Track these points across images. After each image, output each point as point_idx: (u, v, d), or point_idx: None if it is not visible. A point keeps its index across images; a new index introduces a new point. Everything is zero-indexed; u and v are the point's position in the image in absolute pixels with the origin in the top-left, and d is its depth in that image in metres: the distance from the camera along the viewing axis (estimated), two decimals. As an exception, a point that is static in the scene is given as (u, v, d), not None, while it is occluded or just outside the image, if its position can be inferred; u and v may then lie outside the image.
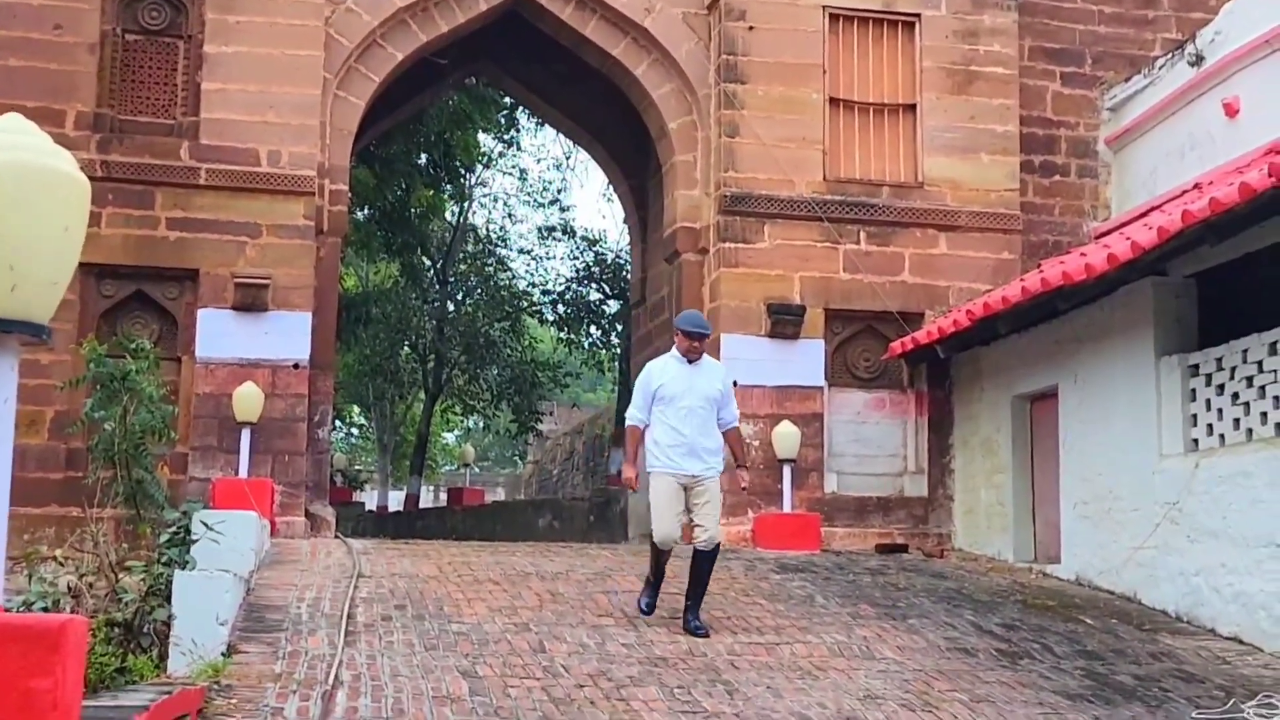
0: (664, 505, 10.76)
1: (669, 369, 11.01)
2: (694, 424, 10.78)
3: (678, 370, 10.96)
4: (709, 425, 10.90)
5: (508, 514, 31.33)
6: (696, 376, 10.93)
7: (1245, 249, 12.07)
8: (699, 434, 10.79)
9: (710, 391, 10.91)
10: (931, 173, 17.75)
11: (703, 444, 10.81)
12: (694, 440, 10.75)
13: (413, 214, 30.70)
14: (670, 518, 10.76)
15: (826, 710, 8.76)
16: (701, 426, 10.83)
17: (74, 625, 3.62)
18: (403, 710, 8.18)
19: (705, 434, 10.85)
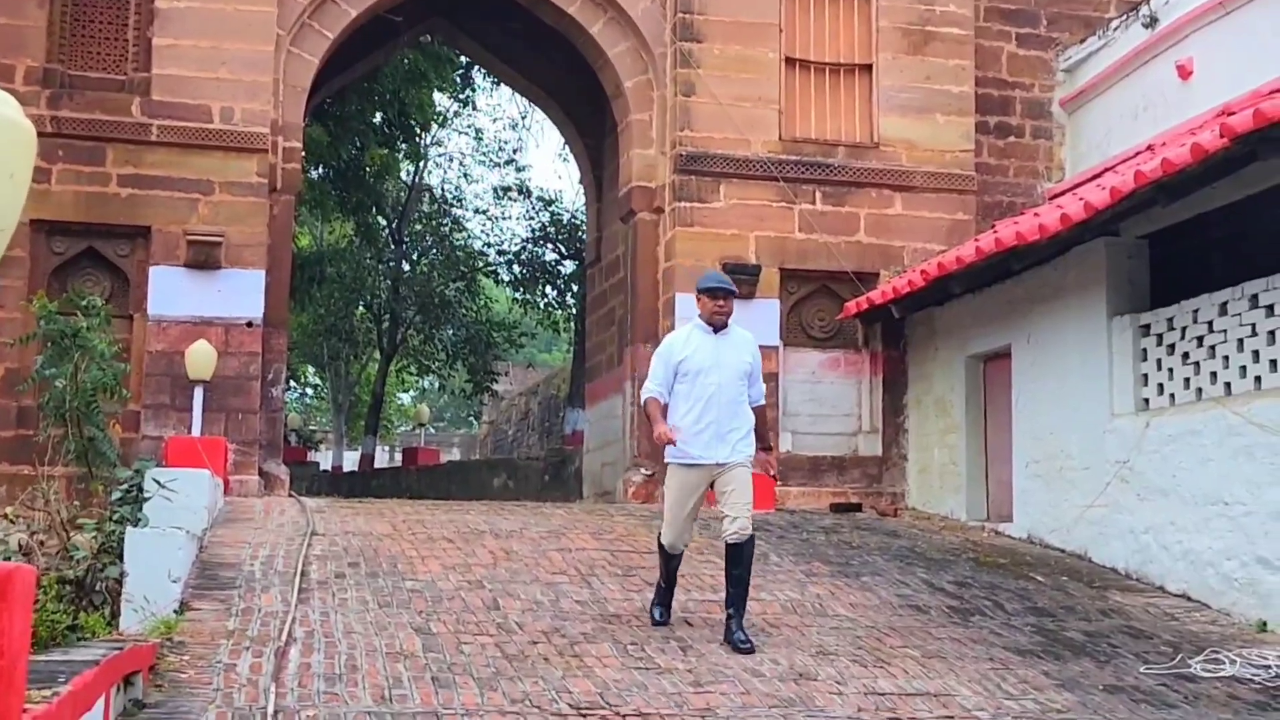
0: (677, 506, 9.50)
1: (693, 340, 9.60)
2: (722, 403, 9.39)
3: (702, 341, 9.56)
4: (739, 404, 9.50)
5: (463, 474, 31.35)
6: (725, 348, 9.56)
7: (1197, 210, 12.13)
8: (728, 415, 9.40)
9: (740, 365, 9.56)
10: (887, 133, 17.77)
11: (732, 425, 9.42)
12: (722, 422, 9.38)
13: (367, 173, 30.55)
14: (682, 521, 9.52)
15: (779, 666, 8.80)
16: (731, 406, 9.43)
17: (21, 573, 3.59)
18: (356, 666, 8.18)
19: (735, 414, 9.45)
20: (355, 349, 39.26)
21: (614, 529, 13.12)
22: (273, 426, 16.77)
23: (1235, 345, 11.46)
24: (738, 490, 9.39)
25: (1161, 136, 15.57)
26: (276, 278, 16.63)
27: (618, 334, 19.55)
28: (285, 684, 7.74)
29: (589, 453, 21.63)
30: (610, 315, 20.35)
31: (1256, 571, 10.79)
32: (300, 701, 7.45)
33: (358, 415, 42.24)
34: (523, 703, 7.67)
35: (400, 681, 7.94)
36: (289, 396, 43.44)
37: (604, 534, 12.77)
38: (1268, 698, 8.90)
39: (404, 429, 54.48)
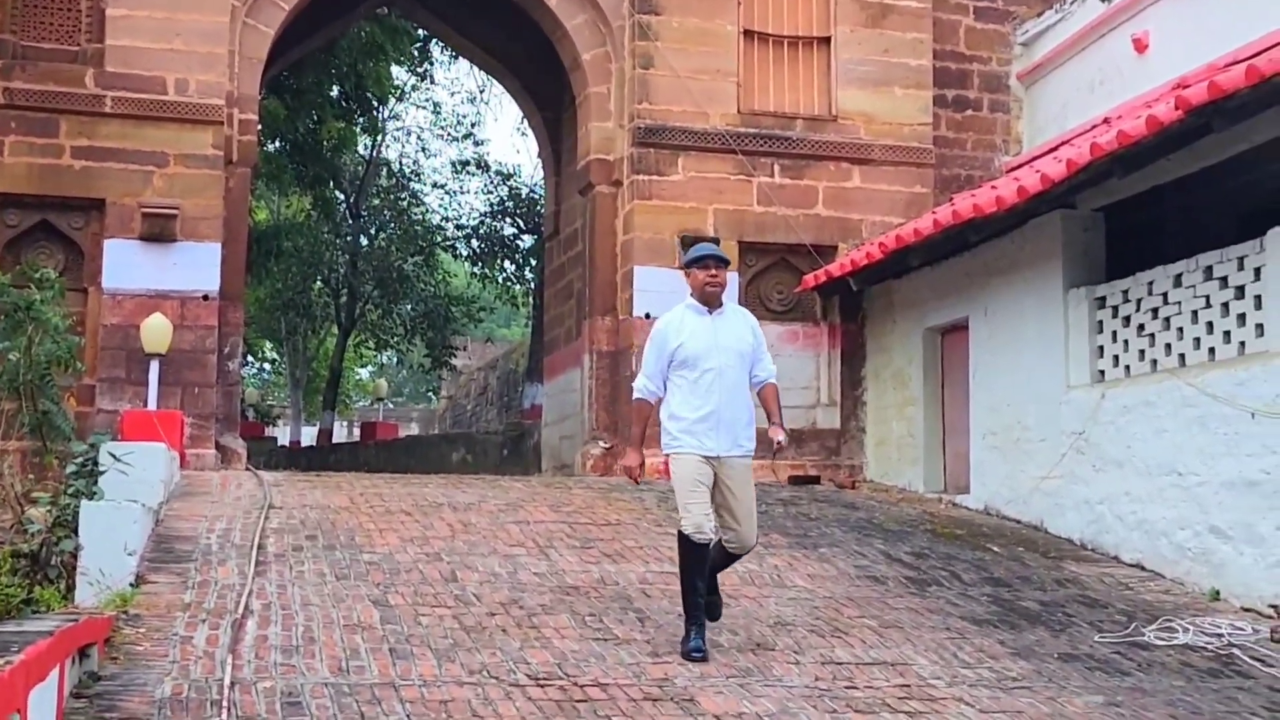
0: (692, 486, 8.50)
1: (687, 323, 8.73)
2: (723, 390, 8.58)
3: (697, 324, 8.72)
4: (741, 390, 8.73)
5: (421, 448, 31.32)
6: (722, 328, 8.75)
7: (1152, 182, 12.18)
8: (730, 402, 8.60)
9: (740, 346, 8.74)
10: (845, 106, 17.78)
11: (734, 415, 8.62)
12: (724, 411, 8.57)
13: (324, 146, 30.36)
14: (701, 499, 8.48)
15: (738, 636, 8.83)
16: (732, 392, 8.63)
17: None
18: (313, 638, 8.16)
19: (737, 402, 8.66)
20: (313, 324, 39.12)
21: (572, 501, 13.12)
22: (229, 401, 16.69)
23: (1189, 317, 11.53)
24: (743, 497, 8.62)
25: (1118, 110, 15.64)
26: (232, 251, 16.53)
27: (576, 307, 19.53)
28: (242, 656, 7.72)
29: (547, 426, 21.62)
30: (568, 288, 20.33)
31: (1209, 541, 10.87)
32: (257, 673, 7.43)
33: (315, 390, 42.13)
34: (480, 673, 7.67)
35: (358, 653, 7.93)
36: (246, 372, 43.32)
37: (562, 506, 12.77)
38: (1220, 665, 8.99)
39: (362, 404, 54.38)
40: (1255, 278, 10.78)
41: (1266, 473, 10.31)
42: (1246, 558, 10.44)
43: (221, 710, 6.72)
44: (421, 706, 7.02)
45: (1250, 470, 10.48)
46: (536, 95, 21.89)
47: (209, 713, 6.71)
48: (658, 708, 7.27)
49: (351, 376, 50.70)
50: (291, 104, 26.90)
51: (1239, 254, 10.96)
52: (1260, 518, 10.33)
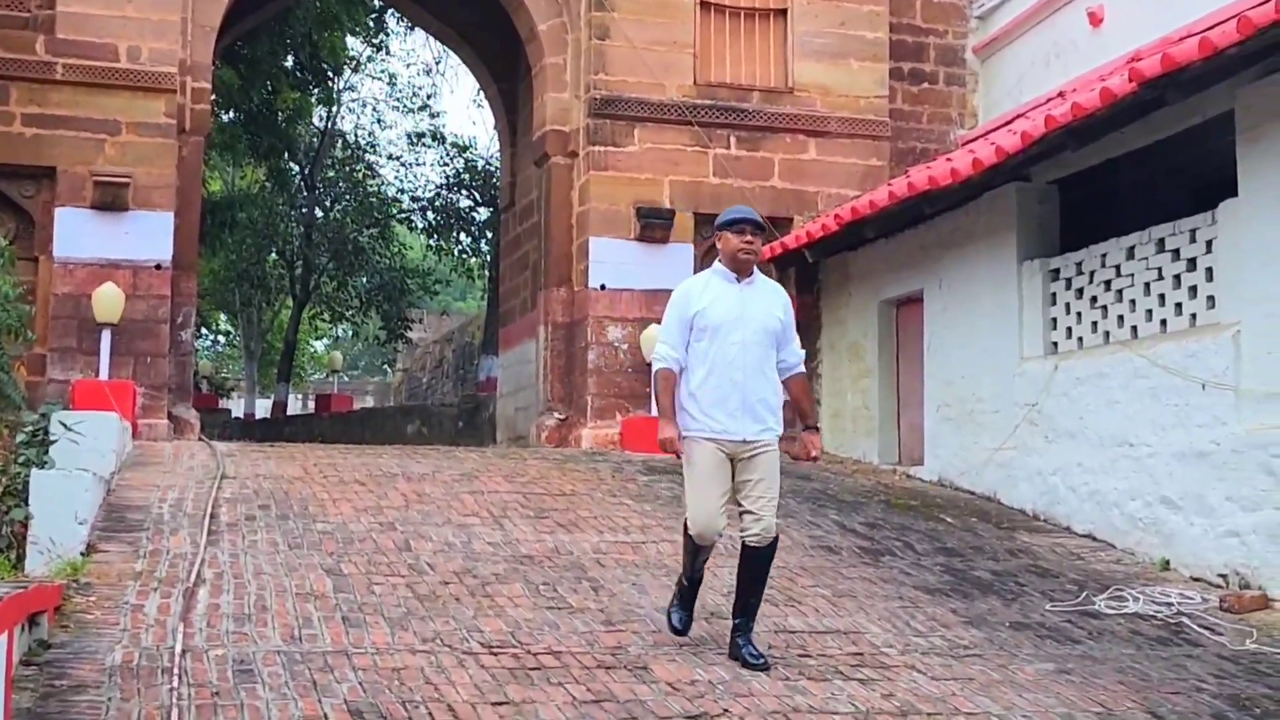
0: (705, 483, 7.81)
1: (712, 289, 7.93)
2: (748, 366, 7.80)
3: (723, 291, 7.91)
4: (767, 368, 7.92)
5: (376, 420, 31.23)
6: (751, 300, 7.93)
7: (1106, 155, 12.24)
8: (755, 380, 7.82)
9: (769, 321, 7.94)
10: (801, 78, 17.78)
11: (759, 395, 7.83)
12: (748, 389, 7.79)
13: (279, 117, 30.16)
14: (714, 500, 7.81)
15: (691, 605, 8.84)
16: (758, 369, 7.85)
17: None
18: (265, 607, 8.13)
19: (763, 380, 7.88)
20: (267, 295, 38.89)
21: (527, 472, 13.11)
22: (182, 371, 16.60)
23: (1142, 289, 11.60)
24: (765, 481, 7.83)
25: (1073, 83, 15.70)
26: (185, 220, 16.41)
27: (531, 279, 19.49)
28: (193, 624, 7.68)
29: (503, 397, 21.59)
30: (524, 260, 20.28)
31: (1160, 511, 10.95)
32: (209, 641, 7.40)
33: (270, 363, 41.92)
34: (434, 641, 7.66)
35: (310, 621, 7.91)
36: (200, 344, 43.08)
37: (517, 477, 12.75)
38: (1169, 633, 9.07)
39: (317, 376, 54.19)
40: (1207, 250, 10.85)
41: (1216, 444, 10.39)
42: (1196, 528, 10.52)
43: (173, 678, 6.69)
44: (374, 674, 7.00)
45: (1200, 441, 10.56)
46: (492, 66, 21.79)
47: (160, 680, 6.68)
48: (611, 675, 7.28)
49: (306, 349, 50.51)
50: (245, 74, 26.68)
51: (1191, 227, 11.04)
52: (1210, 488, 10.41)
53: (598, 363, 16.79)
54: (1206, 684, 7.90)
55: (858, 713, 6.94)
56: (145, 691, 6.51)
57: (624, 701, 6.84)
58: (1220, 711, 7.36)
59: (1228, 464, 10.25)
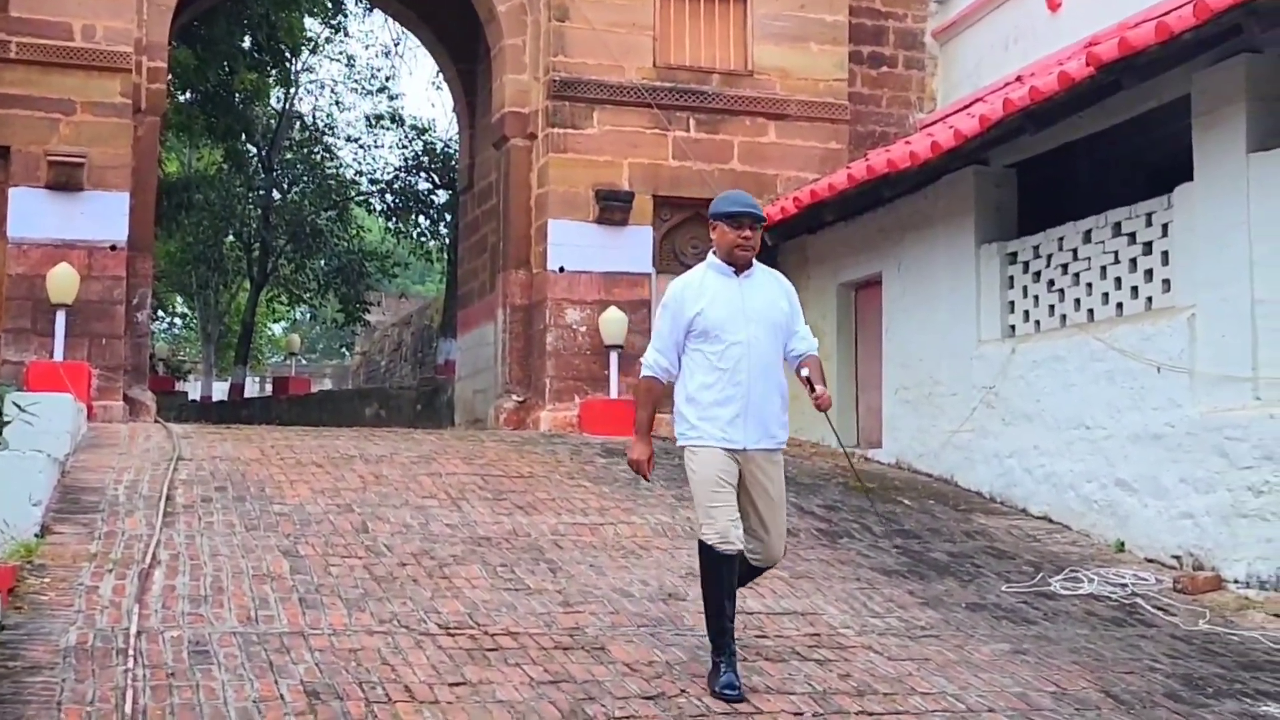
0: (713, 482, 6.98)
1: (708, 286, 7.20)
2: (753, 368, 7.04)
3: (721, 287, 7.18)
4: (773, 369, 7.15)
5: (334, 403, 31.13)
6: (751, 294, 7.20)
7: (1064, 139, 12.30)
8: (760, 383, 7.07)
9: (774, 315, 7.21)
10: (761, 61, 17.77)
11: (765, 398, 7.09)
12: (753, 393, 7.05)
13: (236, 98, 29.98)
14: (727, 501, 6.99)
15: (649, 587, 8.85)
16: (764, 371, 7.09)
17: None
18: (222, 588, 8.09)
19: (768, 382, 7.11)
20: (225, 278, 38.69)
21: (485, 454, 13.09)
22: (138, 352, 16.47)
23: (1098, 272, 11.66)
24: (774, 499, 7.17)
25: (1031, 67, 15.73)
26: (141, 201, 16.27)
27: (490, 261, 19.42)
28: (149, 605, 7.64)
29: (461, 380, 21.53)
30: (482, 242, 20.22)
31: (1115, 493, 11.02)
32: (164, 622, 7.36)
33: (227, 345, 41.70)
34: (391, 623, 7.64)
35: (267, 602, 7.88)
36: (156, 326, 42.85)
37: (475, 459, 12.73)
38: (1123, 614, 9.13)
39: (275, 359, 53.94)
40: (1163, 234, 10.91)
41: (1171, 426, 10.46)
42: (1151, 509, 10.59)
43: (128, 659, 6.65)
44: (331, 655, 6.98)
45: (1155, 424, 10.63)
46: (451, 47, 21.70)
47: (115, 661, 6.64)
48: (569, 656, 7.27)
49: (264, 332, 50.28)
50: (202, 54, 26.52)
51: (1147, 210, 11.10)
52: (1164, 470, 10.48)
53: (556, 345, 16.77)
54: (1160, 664, 7.96)
55: (814, 693, 6.96)
56: (100, 673, 6.48)
57: (581, 682, 6.85)
58: (1173, 691, 7.41)
59: (1182, 446, 10.32)
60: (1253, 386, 9.84)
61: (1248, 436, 9.69)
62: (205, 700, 6.22)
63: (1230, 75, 10.19)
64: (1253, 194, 9.94)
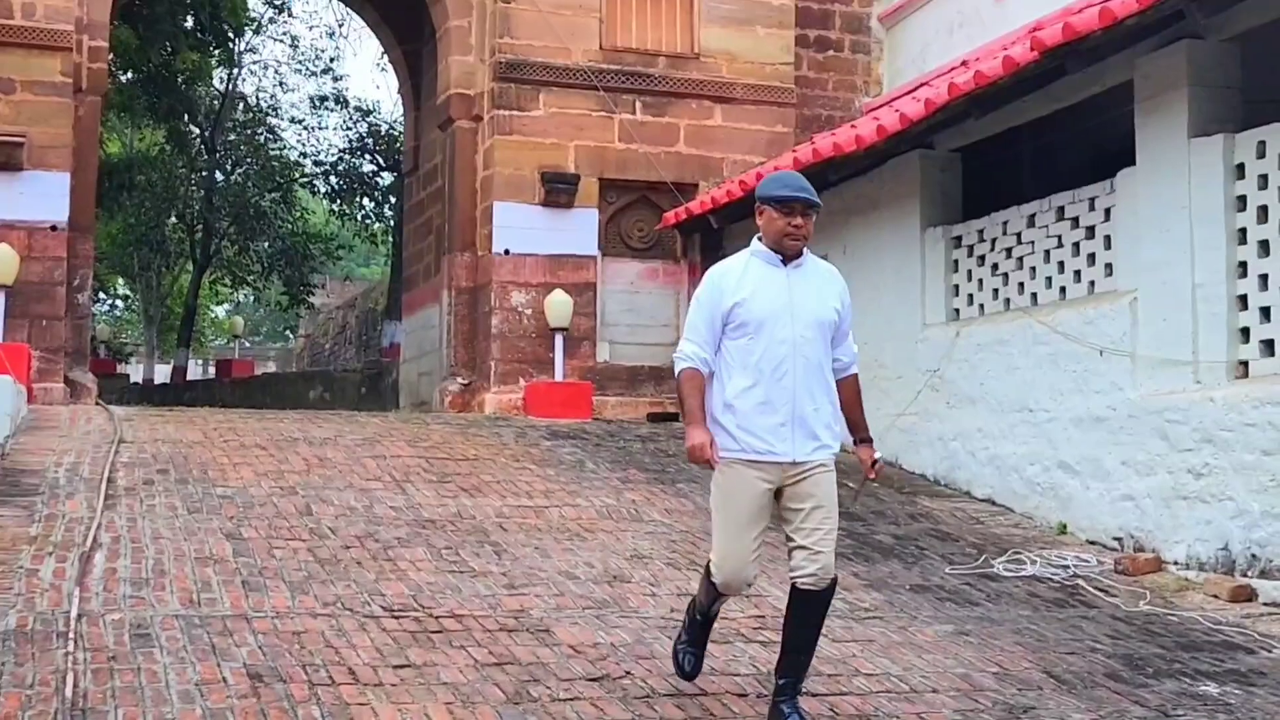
0: (738, 521, 6.25)
1: (751, 274, 6.37)
2: (799, 370, 6.23)
3: (767, 278, 6.34)
4: (822, 372, 6.33)
5: (278, 386, 30.96)
6: (800, 287, 6.35)
7: (1008, 123, 12.34)
8: (809, 387, 6.26)
9: (823, 312, 6.35)
10: (708, 44, 17.76)
11: (814, 404, 6.26)
12: (800, 398, 6.23)
13: (179, 78, 29.71)
14: (747, 544, 6.24)
15: (594, 569, 8.84)
16: (813, 373, 6.28)
17: None
18: (164, 571, 8.03)
19: (816, 387, 6.29)
20: (167, 260, 38.44)
21: (430, 437, 13.05)
22: (79, 334, 16.32)
23: (1042, 256, 11.73)
24: (822, 509, 6.26)
25: (976, 52, 15.79)
26: (82, 181, 16.11)
27: (435, 244, 19.37)
28: (90, 588, 7.56)
29: (406, 363, 21.47)
30: (428, 224, 20.15)
31: (1058, 476, 11.09)
32: (105, 605, 7.29)
33: (170, 328, 41.43)
34: (335, 605, 7.60)
35: (209, 585, 7.82)
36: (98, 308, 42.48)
37: (420, 441, 12.69)
38: (1065, 595, 9.20)
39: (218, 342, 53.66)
40: (1105, 218, 10.98)
41: (1113, 409, 10.53)
42: (1093, 492, 10.67)
43: (68, 642, 6.59)
44: (274, 638, 6.93)
45: (1098, 407, 10.70)
46: (396, 28, 21.59)
47: (55, 645, 6.57)
48: (513, 638, 7.26)
49: (207, 314, 49.97)
50: (144, 33, 26.21)
51: (1090, 195, 11.17)
52: (1106, 453, 10.56)
53: (502, 328, 16.73)
54: (1101, 644, 8.02)
55: (759, 674, 6.97)
56: (40, 656, 6.41)
57: (526, 664, 6.83)
58: (1114, 671, 7.47)
59: (1124, 429, 10.40)
60: (1193, 370, 9.92)
61: (1188, 420, 9.78)
62: (147, 683, 6.17)
63: (1172, 61, 10.26)
64: (1194, 179, 10.01)
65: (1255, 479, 9.18)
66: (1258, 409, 9.20)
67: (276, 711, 5.93)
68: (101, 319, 43.77)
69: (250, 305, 55.36)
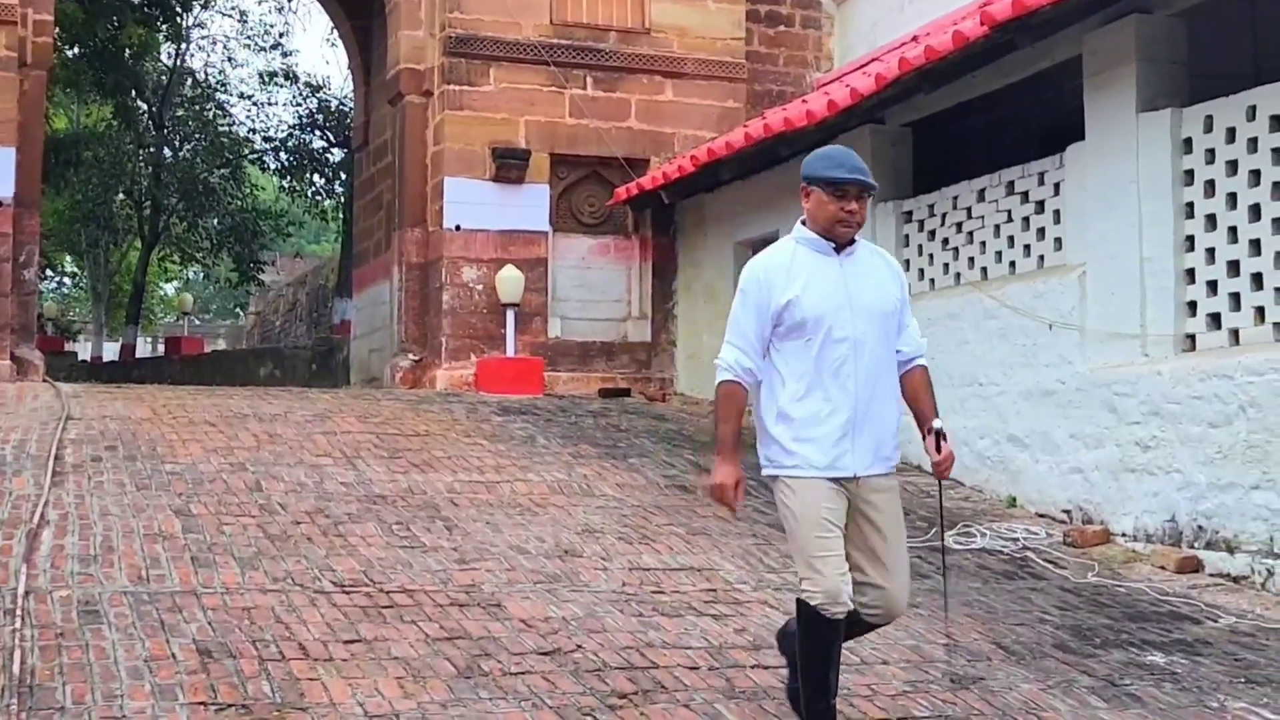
0: (817, 524, 5.52)
1: (800, 265, 5.67)
2: (862, 372, 5.57)
3: (818, 269, 5.67)
4: (886, 373, 5.69)
5: (228, 363, 30.77)
6: (856, 277, 5.68)
7: (958, 98, 12.36)
8: (871, 392, 5.60)
9: (884, 304, 5.70)
10: (659, 19, 17.72)
11: (879, 411, 5.62)
12: (862, 405, 5.57)
13: (126, 53, 29.45)
14: (835, 548, 5.51)
15: (545, 544, 8.84)
16: (876, 376, 5.62)
17: None
18: (112, 548, 7.97)
19: (880, 391, 5.64)
20: (115, 236, 38.11)
21: (380, 412, 13.01)
22: (25, 310, 16.17)
23: (992, 231, 11.77)
24: (891, 536, 5.65)
25: (927, 27, 15.80)
26: (28, 156, 15.94)
27: (386, 219, 19.29)
28: (37, 565, 7.51)
29: (356, 339, 21.40)
30: (378, 200, 20.06)
31: (1008, 450, 11.15)
32: (53, 582, 7.24)
33: (118, 305, 41.12)
34: (285, 581, 7.57)
35: (158, 562, 7.77)
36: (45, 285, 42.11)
37: (370, 417, 12.65)
38: (1015, 568, 9.26)
39: (167, 320, 53.24)
40: (1055, 193, 11.03)
41: (1062, 382, 10.60)
42: (1042, 465, 10.74)
43: (16, 619, 6.54)
44: (224, 614, 6.90)
45: (1047, 380, 10.77)
46: (345, 3, 21.46)
47: (2, 622, 6.52)
48: (464, 613, 7.25)
49: (156, 291, 49.61)
50: (90, 7, 26.02)
51: (1039, 169, 11.21)
52: (1055, 426, 10.63)
53: (453, 304, 16.68)
54: (1050, 616, 8.08)
55: (711, 647, 6.99)
56: (-14, 633, 6.37)
57: (477, 638, 6.82)
58: (1063, 642, 7.52)
59: (1072, 402, 10.47)
60: (1141, 343, 9.99)
61: (1136, 392, 9.84)
62: (95, 660, 6.13)
63: (1121, 36, 10.30)
64: (1142, 153, 10.06)
65: (1202, 451, 9.26)
66: (1204, 382, 9.27)
67: (226, 687, 5.90)
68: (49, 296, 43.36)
69: (200, 282, 54.99)
